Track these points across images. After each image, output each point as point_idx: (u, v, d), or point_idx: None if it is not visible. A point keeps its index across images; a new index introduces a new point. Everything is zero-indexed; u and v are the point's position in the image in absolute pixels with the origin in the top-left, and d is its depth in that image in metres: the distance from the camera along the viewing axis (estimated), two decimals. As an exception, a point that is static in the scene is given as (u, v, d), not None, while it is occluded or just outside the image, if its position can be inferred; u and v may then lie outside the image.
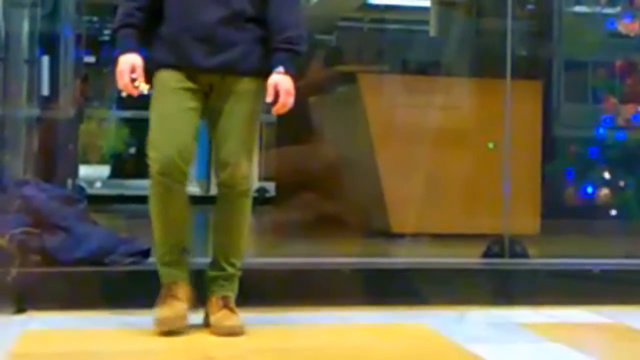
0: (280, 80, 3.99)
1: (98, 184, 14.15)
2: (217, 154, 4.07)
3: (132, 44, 4.00)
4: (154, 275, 4.00)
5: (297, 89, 4.00)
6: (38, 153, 7.03)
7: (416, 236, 6.46)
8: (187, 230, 4.08)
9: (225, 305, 4.02)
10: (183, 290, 3.99)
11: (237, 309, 4.04)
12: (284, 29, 4.04)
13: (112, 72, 4.03)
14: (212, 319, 4.02)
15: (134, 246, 4.74)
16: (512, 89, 5.86)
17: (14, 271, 4.35)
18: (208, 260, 4.12)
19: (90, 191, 10.58)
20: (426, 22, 12.07)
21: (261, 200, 11.08)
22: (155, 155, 3.93)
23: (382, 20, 13.76)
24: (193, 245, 4.14)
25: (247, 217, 4.11)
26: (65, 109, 7.94)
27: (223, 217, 4.11)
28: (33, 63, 6.71)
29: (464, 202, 6.72)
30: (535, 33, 9.46)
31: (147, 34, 4.04)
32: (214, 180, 4.25)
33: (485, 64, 7.05)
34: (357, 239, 6.47)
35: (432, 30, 11.57)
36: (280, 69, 4.01)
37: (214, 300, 4.05)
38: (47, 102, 7.30)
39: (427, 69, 7.34)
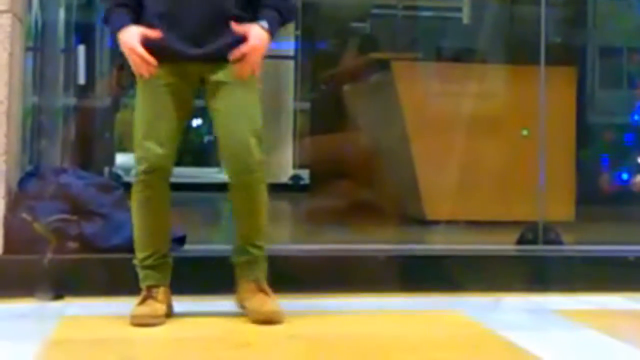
0: (256, 32, 3.81)
1: (134, 172, 14.22)
2: (224, 145, 3.90)
3: (129, 21, 3.82)
4: (190, 262, 4.03)
5: (332, 77, 3.97)
6: (75, 141, 7.09)
7: (450, 223, 6.45)
8: (169, 234, 4.04)
9: (260, 289, 3.95)
10: (163, 295, 3.94)
11: (270, 291, 3.97)
12: None
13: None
14: (249, 305, 3.95)
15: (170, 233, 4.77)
16: (546, 75, 5.84)
17: (51, 257, 4.40)
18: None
19: (126, 179, 10.65)
20: (459, 9, 12.05)
21: (296, 187, 11.12)
22: (142, 154, 3.87)
23: (416, 8, 13.73)
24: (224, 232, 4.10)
25: (265, 199, 3.94)
26: (102, 97, 8.00)
27: (241, 204, 3.94)
28: (69, 52, 6.76)
29: (498, 189, 6.70)
30: (570, 19, 9.42)
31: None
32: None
33: (519, 51, 7.01)
34: (392, 226, 6.45)
35: (466, 17, 11.55)
36: (264, 23, 3.83)
37: (245, 284, 3.97)
38: (84, 91, 7.37)
39: (461, 56, 7.32)
